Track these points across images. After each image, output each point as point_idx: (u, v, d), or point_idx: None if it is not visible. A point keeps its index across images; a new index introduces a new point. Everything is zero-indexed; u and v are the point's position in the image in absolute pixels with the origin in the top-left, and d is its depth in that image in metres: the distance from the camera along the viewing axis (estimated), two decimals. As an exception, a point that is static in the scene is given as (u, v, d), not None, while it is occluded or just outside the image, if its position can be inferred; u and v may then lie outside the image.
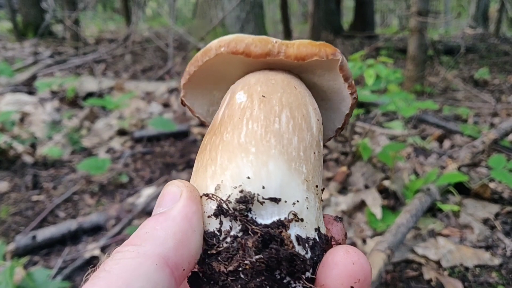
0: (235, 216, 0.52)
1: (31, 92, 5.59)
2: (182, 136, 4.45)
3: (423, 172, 3.15)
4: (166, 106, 5.60)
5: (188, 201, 0.52)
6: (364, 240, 2.42)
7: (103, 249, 2.58)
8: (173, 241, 0.48)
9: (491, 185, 2.80)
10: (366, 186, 2.93)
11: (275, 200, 0.53)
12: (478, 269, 2.12)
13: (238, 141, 0.58)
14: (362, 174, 3.03)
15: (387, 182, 2.87)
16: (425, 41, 6.02)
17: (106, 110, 5.06)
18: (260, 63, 0.69)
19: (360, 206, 2.71)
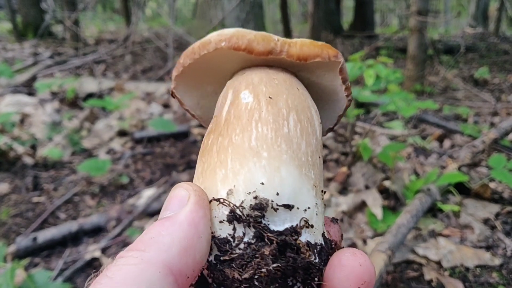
0: (249, 223, 0.51)
1: (31, 93, 5.58)
2: (182, 137, 4.45)
3: (424, 172, 3.15)
4: (166, 107, 5.60)
5: (196, 206, 0.51)
6: (365, 241, 2.42)
7: (104, 251, 2.58)
8: (178, 248, 0.47)
9: (492, 185, 2.80)
10: (367, 187, 2.93)
11: (289, 207, 0.53)
12: (479, 269, 2.12)
13: (249, 145, 0.57)
14: (363, 175, 3.02)
15: (388, 183, 2.87)
16: (425, 41, 6.02)
17: (106, 111, 5.06)
18: (259, 60, 0.68)
19: (361, 207, 2.71)
